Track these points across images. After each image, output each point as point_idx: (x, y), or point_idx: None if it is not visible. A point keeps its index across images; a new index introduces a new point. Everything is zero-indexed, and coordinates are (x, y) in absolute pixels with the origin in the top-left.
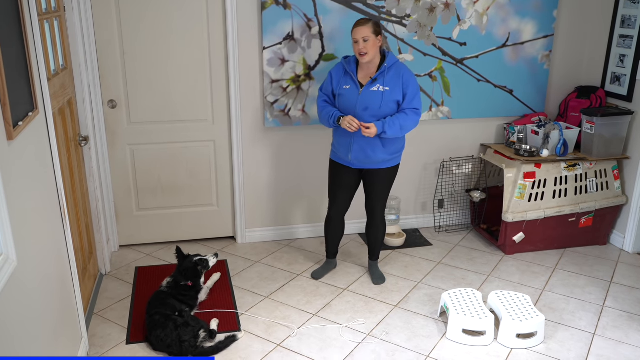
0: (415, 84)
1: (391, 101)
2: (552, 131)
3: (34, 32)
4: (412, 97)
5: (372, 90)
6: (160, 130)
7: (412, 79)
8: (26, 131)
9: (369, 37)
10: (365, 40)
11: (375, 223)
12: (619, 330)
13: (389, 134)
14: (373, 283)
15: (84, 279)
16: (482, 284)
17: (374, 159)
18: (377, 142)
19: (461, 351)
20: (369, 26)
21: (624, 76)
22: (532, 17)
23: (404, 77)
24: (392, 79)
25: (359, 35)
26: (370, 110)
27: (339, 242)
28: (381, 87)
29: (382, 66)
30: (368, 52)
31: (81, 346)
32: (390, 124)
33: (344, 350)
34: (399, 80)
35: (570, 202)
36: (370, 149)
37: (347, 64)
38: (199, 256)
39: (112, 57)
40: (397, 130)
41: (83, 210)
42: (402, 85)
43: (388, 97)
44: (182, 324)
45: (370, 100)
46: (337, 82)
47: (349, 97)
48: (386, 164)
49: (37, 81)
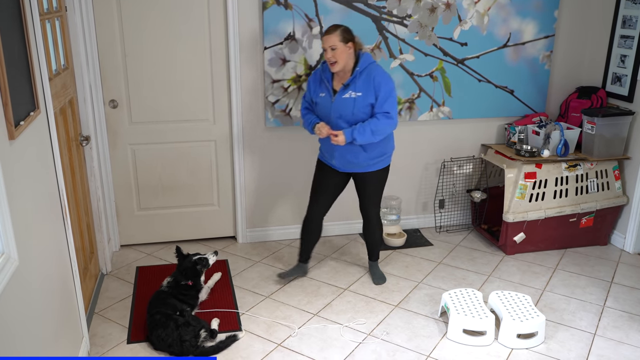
0: (388, 87)
1: (364, 106)
2: (553, 131)
3: (35, 32)
4: (384, 101)
5: (344, 97)
6: (161, 130)
7: (383, 81)
8: (27, 131)
9: (337, 46)
10: (333, 49)
11: (371, 225)
12: (619, 330)
13: (359, 140)
14: (374, 283)
15: (85, 278)
16: (483, 284)
17: (358, 163)
18: (357, 147)
19: (462, 351)
20: (336, 34)
21: (625, 76)
22: (533, 17)
23: (375, 80)
24: (364, 84)
25: (327, 44)
26: (344, 117)
27: (313, 246)
28: (353, 94)
29: (354, 71)
30: (337, 61)
31: (82, 345)
32: (360, 130)
33: (345, 350)
34: (370, 84)
35: (571, 203)
36: (351, 155)
37: (323, 71)
38: (199, 255)
39: (114, 57)
40: (369, 136)
41: (84, 209)
42: (373, 89)
43: (360, 103)
44: (183, 323)
45: (342, 107)
46: (314, 90)
47: (324, 105)
48: (373, 167)
49: (38, 81)
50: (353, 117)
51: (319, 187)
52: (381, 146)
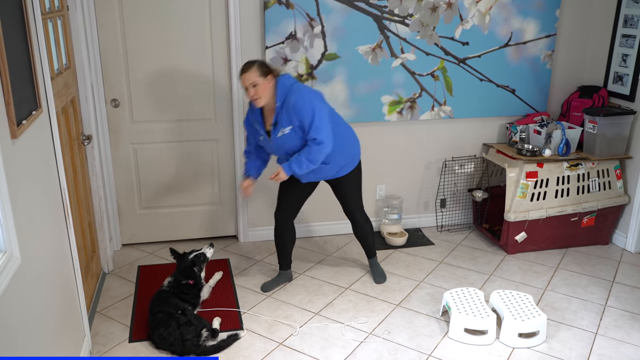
0: (308, 113)
1: (299, 137)
2: (555, 131)
3: (37, 31)
4: (309, 128)
5: (279, 136)
6: (163, 129)
7: (303, 108)
8: (30, 130)
9: (257, 82)
10: (254, 86)
11: (360, 225)
12: (621, 329)
13: (300, 171)
14: (375, 282)
15: (86, 277)
16: (484, 284)
17: (327, 175)
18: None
19: (463, 350)
20: (253, 70)
21: (627, 76)
22: (534, 16)
23: (296, 111)
24: (287, 118)
25: (247, 82)
26: (289, 151)
27: (290, 251)
28: (284, 130)
29: (275, 107)
30: (260, 97)
31: (84, 344)
32: (297, 162)
33: (346, 349)
34: (292, 116)
35: (573, 202)
36: (318, 170)
37: (252, 114)
38: (195, 251)
39: (115, 56)
40: (307, 164)
41: (86, 208)
42: (297, 119)
43: (294, 136)
44: (185, 322)
45: (282, 144)
46: (252, 134)
47: (267, 146)
48: (343, 172)
49: (40, 80)
50: (297, 148)
51: (284, 194)
52: (342, 154)
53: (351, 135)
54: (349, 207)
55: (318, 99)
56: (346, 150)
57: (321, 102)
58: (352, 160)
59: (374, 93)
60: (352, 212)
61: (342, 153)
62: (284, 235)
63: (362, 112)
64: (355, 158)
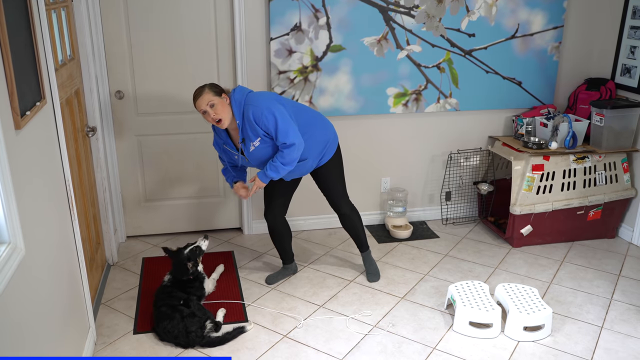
0: (271, 120)
1: (270, 146)
2: (561, 123)
3: (41, 22)
4: (275, 135)
5: (251, 151)
6: (167, 121)
7: (263, 117)
8: (34, 121)
9: (214, 101)
10: (212, 106)
11: (346, 216)
12: (627, 323)
13: (277, 176)
14: (368, 280)
15: (91, 269)
16: (489, 277)
17: (308, 169)
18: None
19: (468, 343)
20: (206, 92)
21: (635, 68)
22: (541, 8)
23: (258, 122)
24: (252, 131)
25: (204, 104)
26: (264, 162)
27: (289, 245)
28: (253, 144)
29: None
30: (222, 118)
31: (89, 336)
32: (272, 168)
33: (350, 342)
34: (256, 128)
35: (579, 195)
36: (299, 167)
37: (219, 137)
38: (190, 245)
39: (120, 47)
40: (282, 168)
41: (90, 200)
42: (262, 131)
43: (264, 146)
44: (189, 314)
45: (257, 157)
46: (226, 155)
47: (242, 162)
48: (323, 160)
49: (44, 71)
50: (270, 157)
51: (270, 194)
52: (319, 142)
53: (323, 122)
54: (333, 197)
55: (274, 103)
56: (319, 138)
57: (278, 104)
58: (330, 145)
59: (379, 85)
60: (336, 202)
61: (316, 144)
62: (278, 233)
63: (367, 104)
64: (332, 143)
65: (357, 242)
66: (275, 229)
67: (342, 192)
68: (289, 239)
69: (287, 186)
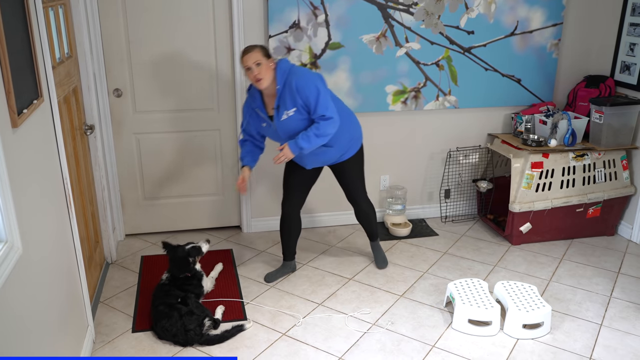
0: (314, 92)
1: (303, 119)
2: (560, 121)
3: (38, 20)
4: (315, 106)
5: (282, 120)
6: (165, 119)
7: (307, 88)
8: (31, 119)
9: (261, 61)
10: (257, 64)
11: (362, 210)
12: (626, 321)
13: (307, 147)
14: (377, 267)
15: (90, 267)
16: (489, 274)
17: (331, 159)
18: (322, 147)
19: (467, 341)
20: (257, 50)
21: (634, 65)
22: (540, 4)
23: (300, 93)
24: (290, 99)
25: (251, 61)
26: (293, 135)
27: (295, 242)
28: (288, 112)
29: (276, 89)
30: (263, 77)
31: (87, 334)
32: (304, 137)
33: (349, 340)
34: (296, 97)
35: (578, 193)
36: (321, 154)
37: (253, 101)
38: (191, 244)
39: (118, 45)
40: (315, 140)
41: (89, 199)
42: (301, 100)
43: (298, 118)
44: (187, 312)
45: (286, 128)
46: (253, 122)
47: (270, 132)
48: (346, 155)
49: (42, 69)
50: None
51: (290, 183)
52: (345, 136)
53: (352, 117)
54: (352, 193)
55: (319, 80)
56: (348, 131)
57: (322, 83)
58: (355, 142)
59: (378, 83)
60: (354, 197)
61: (344, 135)
62: (290, 225)
63: (366, 102)
64: (357, 140)
65: (369, 233)
66: (289, 219)
67: (361, 189)
68: (296, 235)
69: (308, 178)
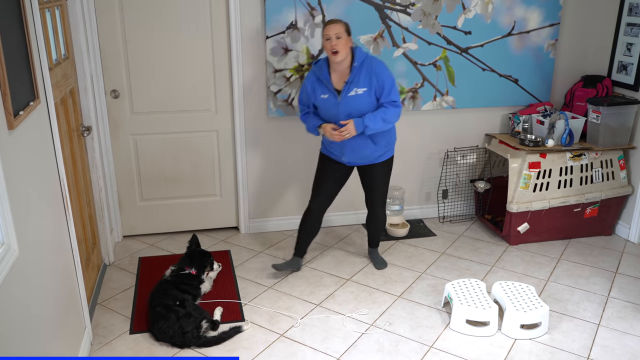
0: (390, 78)
1: (370, 102)
2: (558, 121)
3: (34, 21)
4: (389, 91)
5: (350, 95)
6: (163, 120)
7: (384, 73)
8: (27, 121)
9: (342, 35)
10: (338, 37)
11: (377, 216)
12: (623, 321)
13: (371, 127)
14: (375, 268)
15: (87, 269)
16: (486, 275)
17: (368, 157)
18: (367, 140)
19: (465, 341)
20: (341, 24)
21: (631, 65)
22: (538, 5)
23: (377, 75)
24: (366, 79)
25: (332, 32)
26: (353, 115)
27: (311, 240)
28: (358, 90)
29: (352, 66)
30: (340, 51)
31: (85, 336)
32: (371, 118)
33: (347, 341)
34: (372, 79)
35: (576, 193)
36: (363, 148)
37: (319, 71)
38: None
39: (115, 46)
40: (380, 124)
41: (86, 200)
42: (376, 82)
43: (366, 99)
44: (184, 314)
45: (350, 106)
46: (312, 91)
47: (329, 106)
48: (381, 158)
49: (38, 70)
50: (362, 113)
51: (322, 181)
52: (387, 136)
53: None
54: (374, 197)
55: None
56: (389, 135)
57: None
58: (391, 147)
59: None
60: (375, 202)
61: (386, 136)
62: (312, 223)
63: None
64: (392, 146)
65: (373, 240)
66: (313, 218)
67: (383, 195)
68: (312, 236)
69: (340, 180)
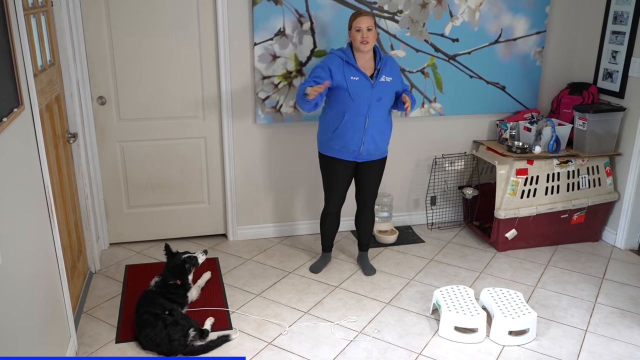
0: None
1: (392, 90)
2: (545, 128)
3: (19, 27)
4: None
5: (381, 81)
6: (150, 126)
7: (398, 70)
8: (11, 127)
9: (373, 27)
10: (369, 29)
11: (367, 214)
12: (611, 327)
13: (414, 103)
14: (364, 274)
15: (73, 277)
16: (475, 281)
17: (380, 149)
18: (385, 130)
19: (453, 348)
20: (371, 17)
21: (616, 72)
22: (524, 13)
23: (395, 68)
24: (392, 70)
25: (364, 24)
26: (383, 100)
27: (334, 236)
28: (387, 78)
29: (377, 57)
30: (369, 42)
31: (69, 345)
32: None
33: (336, 348)
34: (395, 70)
35: (563, 199)
36: (380, 138)
37: (347, 56)
38: (188, 253)
39: (101, 52)
40: (415, 101)
41: (72, 208)
42: (395, 76)
43: (392, 87)
44: (172, 322)
45: (382, 91)
46: (340, 73)
47: (362, 88)
48: (382, 154)
49: (22, 77)
50: (389, 100)
51: (334, 183)
52: (390, 129)
53: None
54: (367, 195)
55: None
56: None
57: None
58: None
59: None
60: (367, 198)
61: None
62: (333, 223)
63: None
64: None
65: (363, 241)
66: (332, 219)
67: (375, 194)
68: (336, 231)
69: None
